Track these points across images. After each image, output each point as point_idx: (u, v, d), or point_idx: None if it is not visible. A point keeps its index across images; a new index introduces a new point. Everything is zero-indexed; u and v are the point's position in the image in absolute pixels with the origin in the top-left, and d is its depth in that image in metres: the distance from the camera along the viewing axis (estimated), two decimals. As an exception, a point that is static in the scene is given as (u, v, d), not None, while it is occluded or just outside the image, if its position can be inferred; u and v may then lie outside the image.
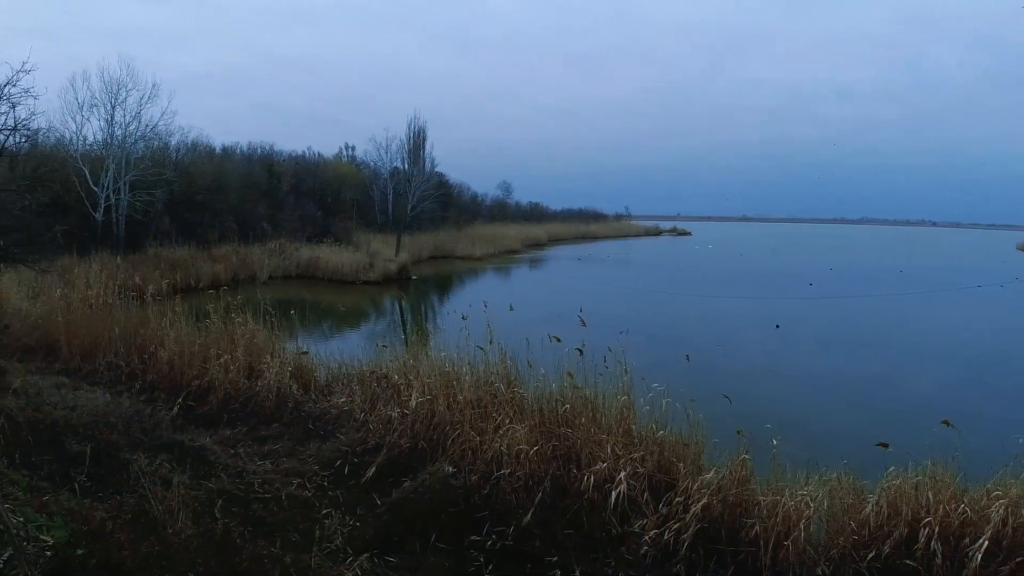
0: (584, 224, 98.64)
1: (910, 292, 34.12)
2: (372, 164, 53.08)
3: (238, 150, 47.61)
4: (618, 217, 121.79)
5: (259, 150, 48.92)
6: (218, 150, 44.18)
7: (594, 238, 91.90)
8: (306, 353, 10.53)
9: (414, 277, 37.23)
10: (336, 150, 61.71)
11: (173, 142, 36.65)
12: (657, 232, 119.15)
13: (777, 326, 23.46)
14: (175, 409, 9.03)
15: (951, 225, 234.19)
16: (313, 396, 9.49)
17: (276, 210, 40.83)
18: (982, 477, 5.89)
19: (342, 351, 11.21)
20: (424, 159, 48.84)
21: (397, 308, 30.43)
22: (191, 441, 7.87)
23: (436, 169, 51.73)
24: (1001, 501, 5.46)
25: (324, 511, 6.33)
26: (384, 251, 39.69)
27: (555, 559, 5.59)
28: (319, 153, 56.50)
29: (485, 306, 9.11)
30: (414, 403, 7.96)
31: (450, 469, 6.81)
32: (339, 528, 6.00)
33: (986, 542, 5.14)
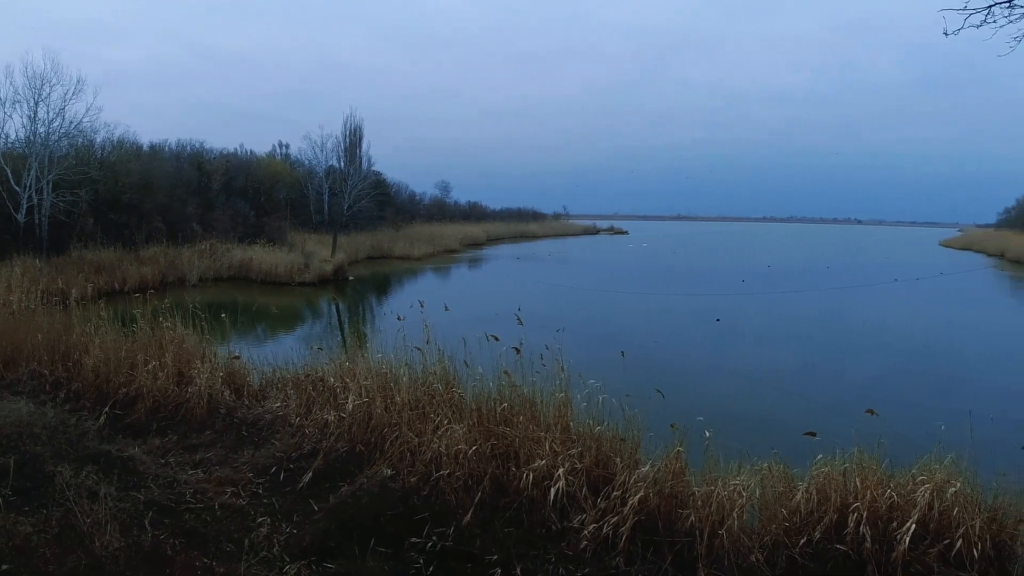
0: (523, 223, 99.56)
1: (836, 287, 35.51)
2: (307, 162, 52.17)
3: (166, 147, 46.16)
4: (556, 216, 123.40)
5: (188, 147, 47.55)
6: (146, 147, 42.63)
7: (533, 237, 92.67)
8: (238, 357, 10.27)
9: (351, 278, 36.76)
10: (270, 148, 60.62)
11: (98, 140, 35.20)
12: (595, 231, 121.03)
13: (718, 320, 24.23)
14: (102, 418, 8.68)
15: (875, 223, 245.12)
16: (246, 402, 9.25)
17: (207, 210, 39.69)
18: (908, 463, 6.08)
19: (276, 355, 10.98)
20: (361, 157, 48.20)
21: (333, 310, 30.03)
22: (119, 451, 7.57)
23: (373, 168, 51.12)
24: (926, 486, 5.62)
25: (259, 519, 6.20)
26: (319, 251, 39.13)
27: (496, 557, 5.59)
28: (251, 151, 55.38)
29: (422, 306, 9.04)
30: (351, 406, 7.84)
31: (388, 472, 6.73)
32: (275, 536, 5.89)
33: (913, 525, 5.29)
